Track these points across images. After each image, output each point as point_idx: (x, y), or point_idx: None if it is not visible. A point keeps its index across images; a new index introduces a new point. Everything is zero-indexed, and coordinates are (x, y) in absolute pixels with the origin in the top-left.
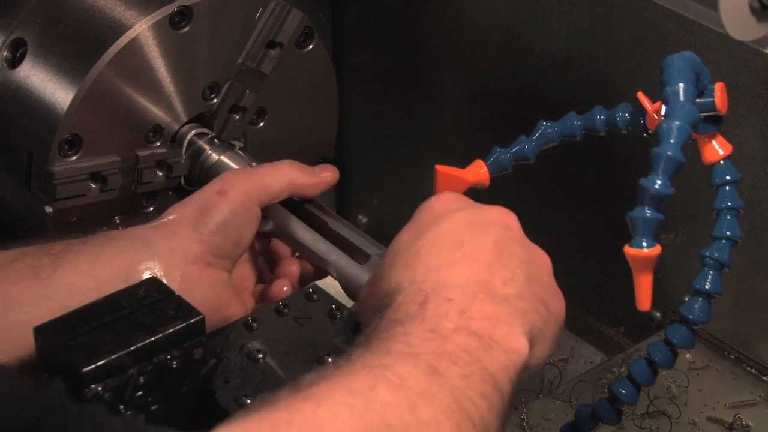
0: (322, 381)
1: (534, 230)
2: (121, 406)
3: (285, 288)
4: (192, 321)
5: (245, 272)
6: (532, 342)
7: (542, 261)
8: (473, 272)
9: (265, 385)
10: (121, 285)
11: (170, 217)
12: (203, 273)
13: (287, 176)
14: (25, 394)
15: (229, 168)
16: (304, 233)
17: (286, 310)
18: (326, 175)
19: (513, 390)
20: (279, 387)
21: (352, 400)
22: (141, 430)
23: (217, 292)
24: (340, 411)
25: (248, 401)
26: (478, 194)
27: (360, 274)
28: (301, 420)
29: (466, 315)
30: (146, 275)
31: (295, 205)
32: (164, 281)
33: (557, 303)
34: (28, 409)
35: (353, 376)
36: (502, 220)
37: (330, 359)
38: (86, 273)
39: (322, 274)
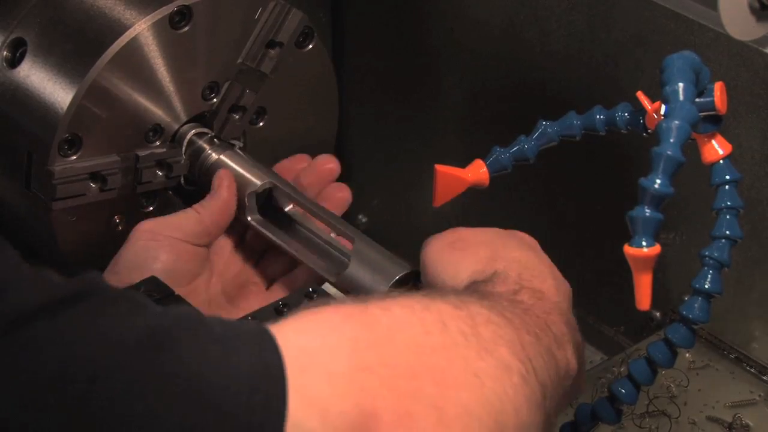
0: (382, 294)
1: (534, 230)
2: None
3: None
4: None
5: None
6: (578, 366)
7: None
8: (556, 296)
9: None
10: None
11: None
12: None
13: (195, 217)
14: (66, 279)
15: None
16: (286, 246)
17: (285, 310)
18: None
19: (565, 400)
20: None
21: (407, 303)
22: (182, 308)
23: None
24: (394, 308)
25: None
26: (477, 194)
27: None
28: (349, 311)
29: (547, 317)
30: None
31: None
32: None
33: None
34: (69, 284)
35: (411, 295)
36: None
37: None
38: None
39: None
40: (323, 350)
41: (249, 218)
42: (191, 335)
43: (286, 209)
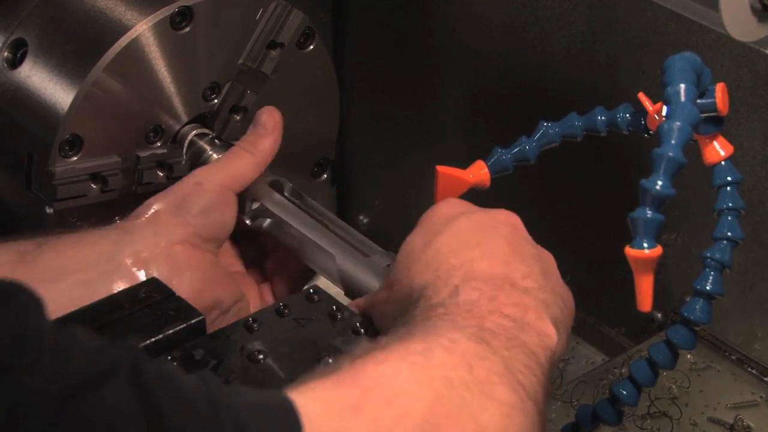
0: (377, 348)
1: (535, 230)
2: None
3: None
4: (192, 322)
5: (232, 257)
6: (556, 331)
7: (550, 259)
8: (494, 267)
9: (266, 386)
10: (106, 268)
11: (151, 209)
12: (189, 254)
13: (252, 160)
14: (101, 344)
15: None
16: (306, 228)
17: (286, 311)
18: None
19: (549, 373)
20: (279, 387)
21: (412, 358)
22: (214, 383)
23: (204, 272)
24: (402, 367)
25: None
26: (478, 195)
27: (365, 271)
28: (366, 376)
29: (497, 301)
30: (129, 261)
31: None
32: (150, 263)
33: (569, 297)
34: (104, 356)
35: (407, 342)
36: (509, 221)
37: (331, 360)
38: (71, 257)
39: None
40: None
41: (251, 207)
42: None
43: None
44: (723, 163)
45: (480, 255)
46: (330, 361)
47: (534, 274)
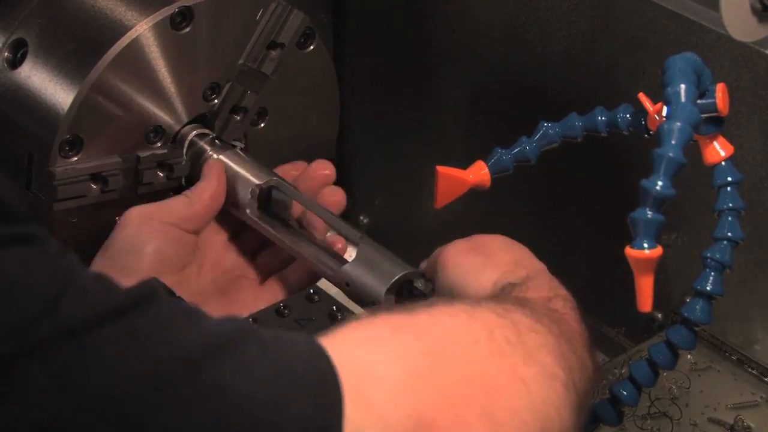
0: (424, 303)
1: (535, 231)
2: None
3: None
4: None
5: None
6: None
7: None
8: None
9: None
10: None
11: None
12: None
13: (193, 208)
14: (129, 286)
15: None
16: (284, 240)
17: (287, 312)
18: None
19: (587, 398)
20: None
21: (453, 311)
22: (239, 320)
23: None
24: (441, 317)
25: None
26: (479, 195)
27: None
28: (399, 321)
29: (582, 327)
30: None
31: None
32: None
33: None
34: (134, 290)
35: (456, 301)
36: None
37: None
38: None
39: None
40: (376, 360)
41: (248, 211)
42: (250, 347)
43: (286, 209)
44: (723, 163)
45: (570, 301)
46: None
47: None
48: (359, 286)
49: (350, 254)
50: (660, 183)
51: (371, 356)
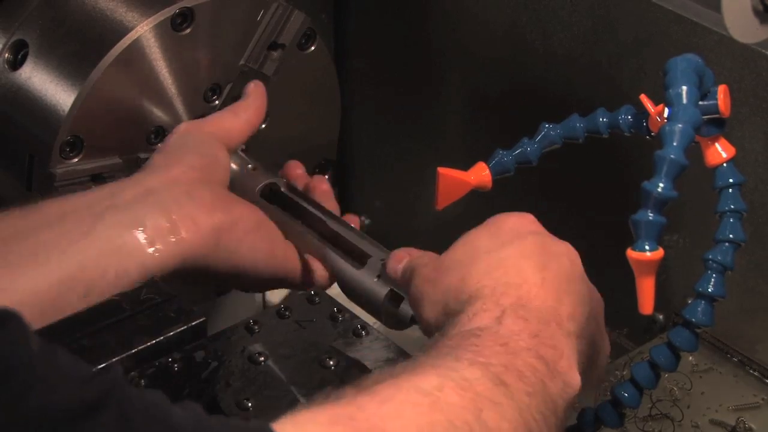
0: (388, 379)
1: None
2: None
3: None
4: (193, 323)
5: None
6: (581, 380)
7: (599, 304)
8: (548, 299)
9: (267, 388)
10: (112, 203)
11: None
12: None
13: (239, 119)
14: (88, 374)
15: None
16: (303, 233)
17: (287, 313)
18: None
19: (565, 418)
20: (280, 389)
21: (417, 399)
22: (201, 416)
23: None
24: (405, 409)
25: (249, 404)
26: (480, 196)
27: (361, 276)
28: (364, 416)
29: (537, 339)
30: (133, 192)
31: (294, 205)
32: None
33: (606, 349)
34: (90, 388)
35: (420, 375)
36: (571, 254)
37: (332, 362)
38: (77, 198)
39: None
40: None
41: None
42: None
43: (288, 210)
44: (725, 165)
45: (540, 280)
46: (331, 363)
47: (579, 316)
48: (360, 289)
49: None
50: (661, 185)
51: None
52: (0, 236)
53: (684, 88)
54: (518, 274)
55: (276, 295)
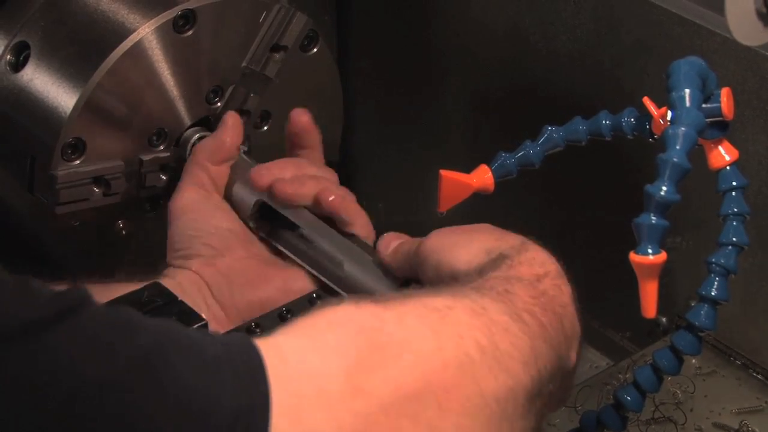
0: (399, 295)
1: (539, 235)
2: None
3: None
4: (195, 327)
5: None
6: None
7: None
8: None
9: None
10: None
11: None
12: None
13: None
14: (56, 293)
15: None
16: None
17: (289, 316)
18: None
19: (566, 389)
20: None
21: (424, 312)
22: (173, 328)
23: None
24: (408, 318)
25: None
26: (483, 199)
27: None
28: (362, 316)
29: (565, 311)
30: None
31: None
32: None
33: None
34: (56, 302)
35: (433, 296)
36: None
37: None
38: None
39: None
40: (322, 370)
41: (250, 224)
42: (179, 359)
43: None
44: (728, 168)
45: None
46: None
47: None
48: (362, 291)
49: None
50: (664, 188)
51: (318, 365)
52: None
53: (687, 91)
54: (546, 254)
55: None
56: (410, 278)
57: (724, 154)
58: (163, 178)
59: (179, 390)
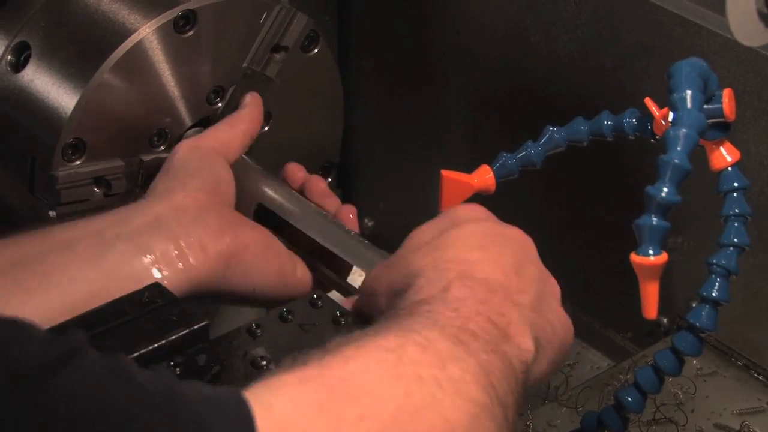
0: (350, 341)
1: (541, 236)
2: None
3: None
4: (195, 327)
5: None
6: (535, 350)
7: (553, 287)
8: (493, 273)
9: None
10: (123, 230)
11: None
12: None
13: (236, 130)
14: (50, 337)
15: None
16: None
17: (290, 317)
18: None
19: (522, 389)
20: None
21: (382, 356)
22: (172, 382)
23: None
24: (371, 365)
25: None
26: (484, 199)
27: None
28: (332, 373)
29: (486, 305)
30: (143, 219)
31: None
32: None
33: (564, 328)
34: (52, 348)
35: (381, 336)
36: (521, 239)
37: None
38: (83, 226)
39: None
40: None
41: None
42: (171, 416)
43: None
44: (730, 169)
45: (482, 258)
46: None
47: (529, 292)
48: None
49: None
50: (665, 190)
51: (300, 422)
52: (10, 260)
53: (688, 92)
54: (457, 252)
55: None
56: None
57: (725, 155)
58: None
59: None
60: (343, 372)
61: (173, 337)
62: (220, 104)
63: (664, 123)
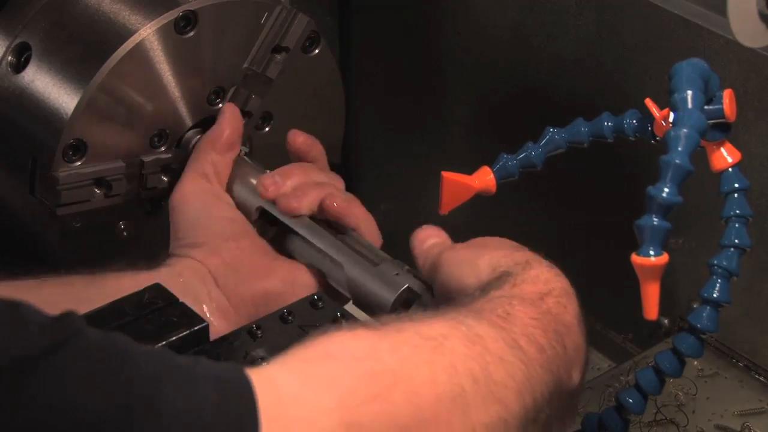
0: (393, 322)
1: (541, 237)
2: None
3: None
4: (196, 328)
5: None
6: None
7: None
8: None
9: None
10: None
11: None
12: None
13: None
14: (48, 320)
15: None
16: (313, 236)
17: (290, 318)
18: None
19: (564, 415)
20: None
21: (418, 341)
22: (167, 358)
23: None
24: (401, 347)
25: None
26: (484, 200)
27: (375, 280)
28: (357, 346)
29: (567, 329)
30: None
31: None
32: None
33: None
34: (50, 331)
35: (427, 324)
36: None
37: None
38: (70, 293)
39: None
40: (316, 405)
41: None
42: (173, 392)
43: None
44: (730, 169)
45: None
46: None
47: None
48: (365, 294)
49: (351, 267)
50: (666, 190)
51: (309, 398)
52: (66, 299)
53: (689, 92)
54: (561, 277)
55: None
56: (426, 281)
57: (726, 156)
58: (165, 179)
59: (173, 421)
60: (369, 350)
61: (174, 338)
62: (220, 105)
63: (664, 124)
